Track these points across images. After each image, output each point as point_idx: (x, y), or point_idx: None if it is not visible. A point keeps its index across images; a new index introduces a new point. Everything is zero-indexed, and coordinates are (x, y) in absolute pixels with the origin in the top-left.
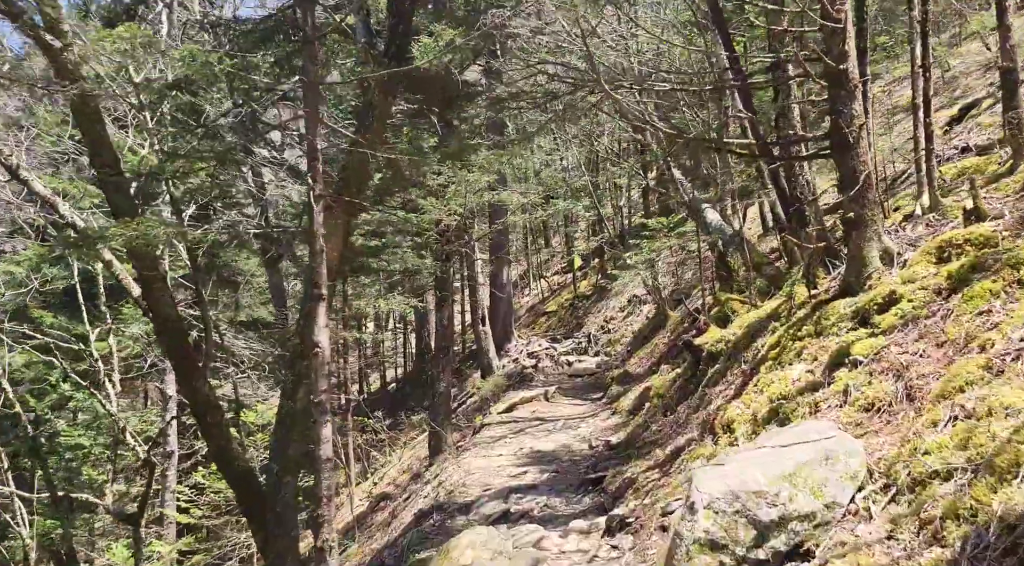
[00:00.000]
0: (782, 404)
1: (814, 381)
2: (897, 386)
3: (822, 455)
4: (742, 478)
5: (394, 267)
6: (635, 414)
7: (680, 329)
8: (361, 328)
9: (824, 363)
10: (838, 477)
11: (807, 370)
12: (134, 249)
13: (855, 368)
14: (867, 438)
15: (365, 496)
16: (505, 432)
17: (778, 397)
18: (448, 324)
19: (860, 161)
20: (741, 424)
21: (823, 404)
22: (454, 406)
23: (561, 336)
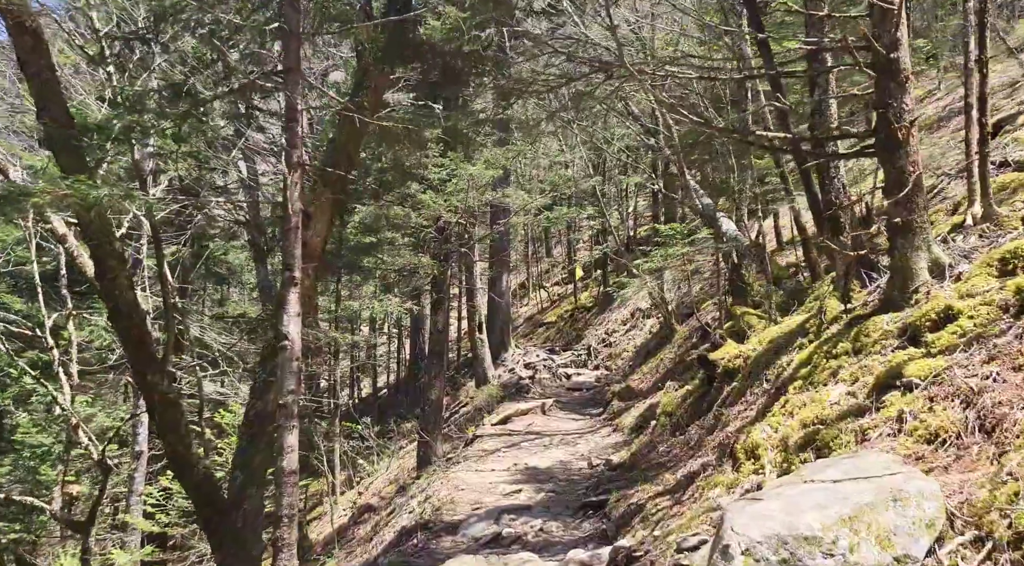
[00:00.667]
0: (819, 430)
1: (858, 405)
2: (967, 415)
3: (888, 495)
4: (789, 520)
5: (389, 265)
6: (639, 432)
7: (688, 344)
8: (354, 330)
9: (869, 385)
10: (910, 524)
11: (847, 392)
12: (80, 217)
13: (910, 392)
14: (935, 476)
15: (349, 506)
16: (498, 445)
17: (814, 421)
18: (443, 329)
19: (910, 161)
20: (768, 450)
21: (871, 432)
22: (446, 415)
23: (560, 348)
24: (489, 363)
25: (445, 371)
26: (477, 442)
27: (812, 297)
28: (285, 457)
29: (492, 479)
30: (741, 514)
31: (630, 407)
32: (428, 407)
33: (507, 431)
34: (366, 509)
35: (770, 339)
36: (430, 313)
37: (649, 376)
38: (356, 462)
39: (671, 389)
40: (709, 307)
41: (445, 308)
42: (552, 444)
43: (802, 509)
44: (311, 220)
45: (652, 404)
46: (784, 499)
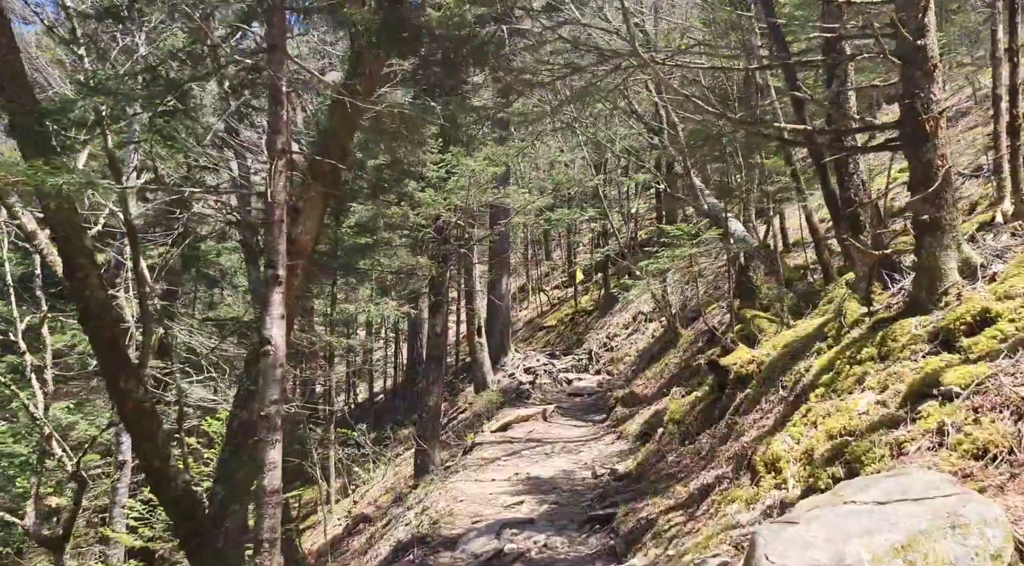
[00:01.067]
0: (848, 442)
1: (891, 415)
2: (1020, 428)
3: (944, 521)
4: (834, 548)
5: (386, 267)
6: (645, 440)
7: (694, 349)
8: (350, 334)
9: (901, 393)
10: (972, 555)
11: (877, 401)
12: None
13: (949, 401)
14: (990, 497)
15: (344, 515)
16: (498, 453)
17: (841, 433)
18: (442, 332)
19: (938, 154)
20: (791, 463)
21: (909, 445)
22: (444, 422)
23: (560, 352)
24: (488, 368)
25: (443, 376)
26: (476, 450)
27: (826, 300)
28: (266, 475)
29: (492, 489)
30: (776, 539)
31: (634, 414)
32: (425, 413)
33: (507, 438)
34: (361, 519)
35: (785, 343)
36: (428, 316)
37: (653, 381)
38: (351, 470)
39: (677, 395)
40: (715, 310)
41: (444, 311)
42: (554, 452)
43: (847, 535)
44: (300, 216)
45: (658, 410)
46: (825, 523)
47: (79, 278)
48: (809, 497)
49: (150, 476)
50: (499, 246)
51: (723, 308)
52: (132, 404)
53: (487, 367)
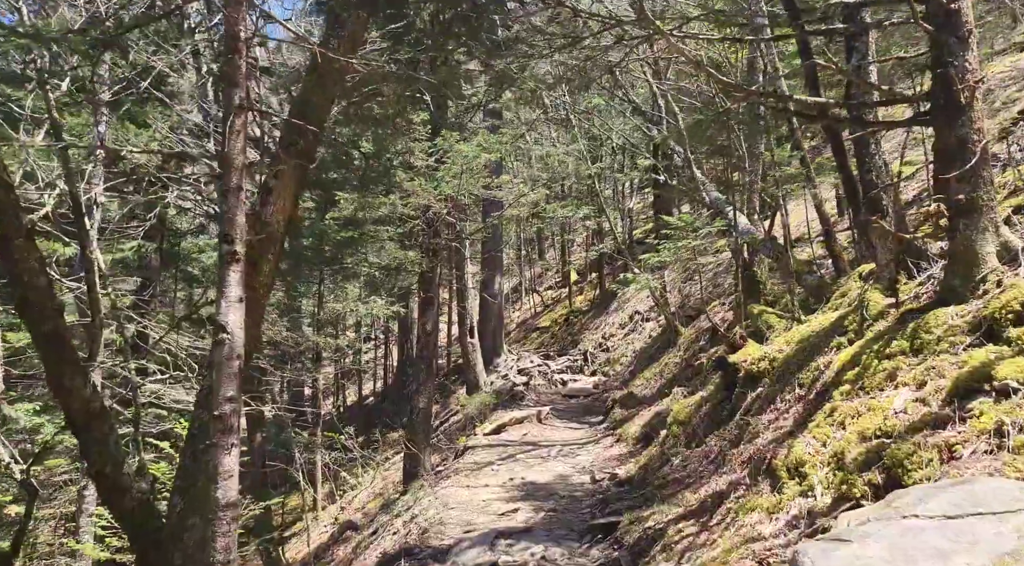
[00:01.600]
0: (885, 444)
1: (934, 415)
2: None
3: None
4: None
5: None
6: (646, 443)
7: (696, 347)
8: (338, 335)
9: (943, 389)
10: None
11: (915, 399)
12: None
13: (1006, 398)
14: None
15: (331, 522)
16: (492, 457)
17: (876, 434)
18: (432, 330)
19: (974, 128)
20: (818, 468)
21: (961, 448)
22: (435, 424)
23: (555, 353)
24: (481, 369)
25: (434, 377)
26: (468, 454)
27: (838, 294)
28: (220, 484)
29: (485, 496)
30: (825, 560)
31: (633, 415)
32: (415, 416)
33: (501, 441)
34: (348, 526)
35: (799, 339)
36: (418, 314)
37: (652, 382)
38: (339, 475)
39: (679, 396)
40: (716, 308)
41: (434, 309)
42: (550, 456)
43: (915, 557)
44: (271, 195)
45: (658, 412)
46: (884, 542)
47: (13, 257)
48: (846, 508)
49: (100, 485)
50: (491, 245)
51: (725, 305)
52: (78, 404)
53: (480, 368)
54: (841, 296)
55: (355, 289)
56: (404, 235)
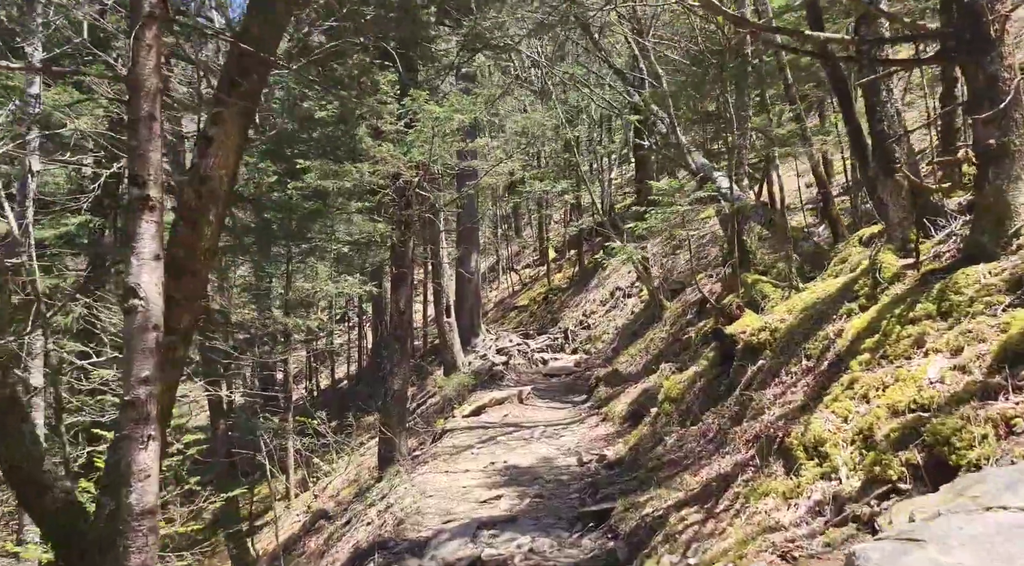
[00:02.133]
0: (923, 419)
1: (981, 384)
2: None
3: None
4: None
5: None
6: (634, 422)
7: (683, 321)
8: (309, 315)
9: (988, 355)
10: None
11: (953, 366)
12: None
13: None
14: None
15: (304, 510)
16: (472, 440)
17: (911, 407)
18: (406, 308)
19: (1005, 65)
20: (841, 447)
21: (1022, 421)
22: (412, 407)
23: (534, 331)
24: (459, 349)
25: (409, 358)
26: (447, 437)
27: (838, 260)
28: (134, 487)
29: (465, 482)
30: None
31: (619, 393)
32: (390, 399)
33: (481, 423)
34: (321, 515)
35: (803, 307)
36: (390, 291)
37: (638, 358)
38: (311, 461)
39: (667, 372)
40: (703, 280)
41: (407, 285)
42: (533, 437)
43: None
44: (211, 145)
45: (646, 389)
46: (970, 543)
47: None
48: (881, 493)
49: (14, 483)
50: (467, 220)
51: (712, 277)
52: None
53: (457, 348)
54: (841, 262)
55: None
56: (373, 207)
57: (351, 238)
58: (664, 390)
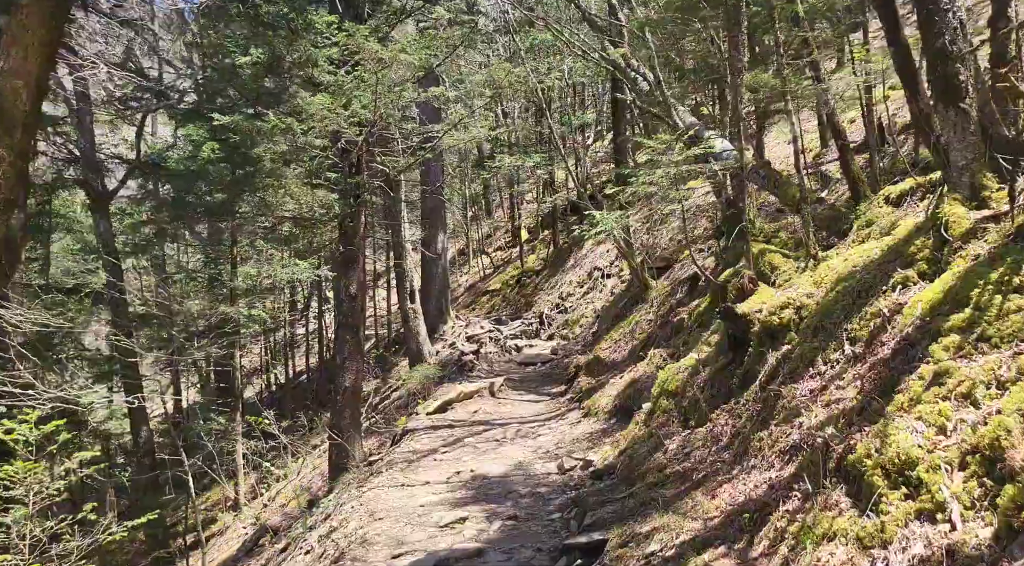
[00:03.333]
0: None
1: None
2: None
3: None
4: None
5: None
6: (623, 419)
7: (671, 302)
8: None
9: None
10: None
11: None
12: None
13: None
14: None
15: (252, 522)
16: (435, 442)
17: None
18: (358, 293)
19: None
20: (945, 472)
21: None
22: (376, 401)
23: (507, 317)
24: (425, 337)
25: (363, 349)
26: (408, 439)
27: (862, 222)
28: None
29: (424, 498)
30: None
31: (602, 384)
32: (341, 397)
33: (447, 421)
34: (263, 533)
35: (837, 278)
36: (339, 274)
37: (623, 344)
38: (261, 465)
39: (657, 359)
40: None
41: (359, 267)
42: (506, 438)
43: None
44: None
45: (634, 380)
46: None
47: None
48: None
49: None
50: (432, 198)
51: (704, 251)
52: None
53: (423, 337)
54: (867, 225)
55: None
56: (312, 172)
57: (289, 213)
58: (659, 382)
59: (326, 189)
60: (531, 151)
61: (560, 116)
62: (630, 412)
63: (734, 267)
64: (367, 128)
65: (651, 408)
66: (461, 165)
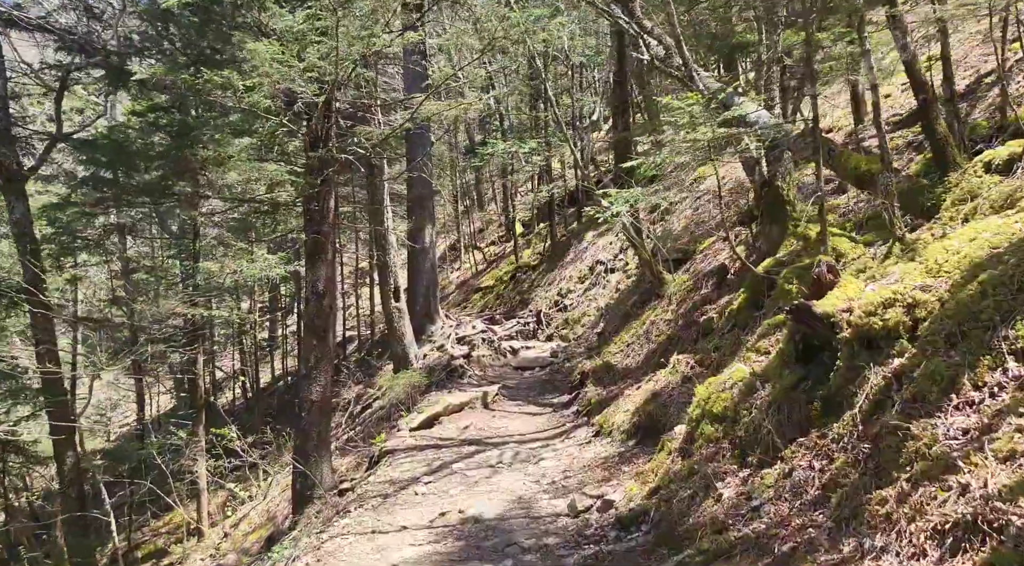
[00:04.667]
0: None
1: None
2: None
3: None
4: None
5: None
6: (647, 442)
7: (695, 298)
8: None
9: None
10: None
11: None
12: None
13: None
14: None
15: (211, 553)
16: (417, 469)
17: None
18: (326, 289)
19: None
20: None
21: None
22: (357, 410)
23: (501, 316)
24: (411, 340)
25: (332, 356)
26: (385, 463)
27: (958, 194)
28: None
29: (400, 553)
30: None
31: (615, 396)
32: (306, 413)
33: (432, 440)
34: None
35: (973, 264)
36: (305, 267)
37: (636, 348)
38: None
39: (683, 366)
40: (715, 246)
41: (328, 258)
42: (502, 463)
43: None
44: None
45: (656, 392)
46: None
47: None
48: None
49: None
50: (419, 187)
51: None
52: None
53: (409, 339)
54: (965, 199)
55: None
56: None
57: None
58: (698, 400)
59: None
60: (526, 137)
61: (556, 98)
62: (655, 434)
63: (774, 256)
64: (330, 85)
65: (688, 433)
66: (452, 154)
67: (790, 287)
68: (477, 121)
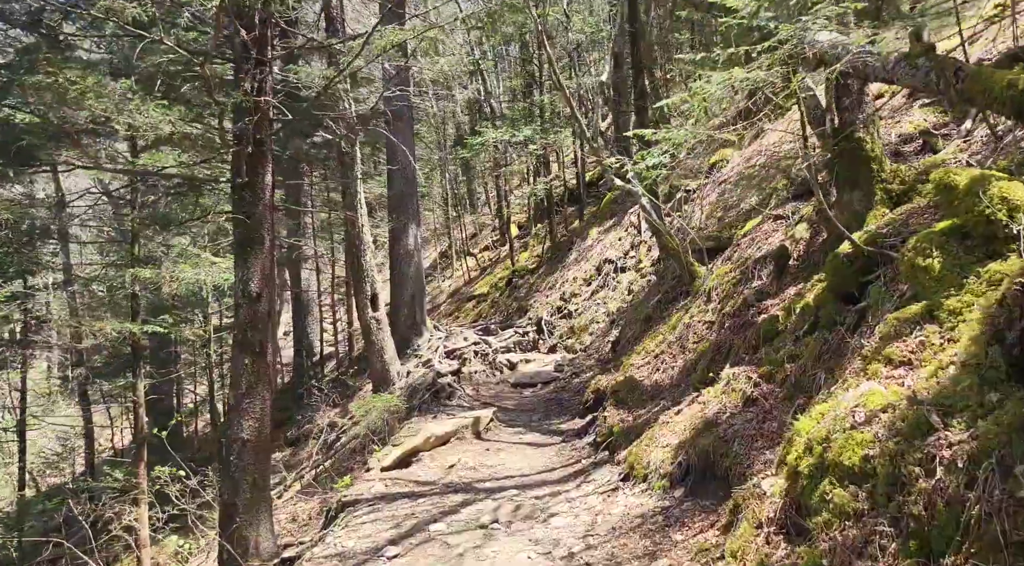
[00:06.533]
0: None
1: None
2: None
3: None
4: None
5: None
6: (704, 495)
7: (744, 293)
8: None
9: None
10: None
11: None
12: None
13: None
14: None
15: None
16: (381, 535)
17: None
18: (261, 291)
19: None
20: None
21: None
22: (330, 439)
23: (497, 325)
24: (392, 355)
25: (269, 382)
26: (343, 522)
27: None
28: None
29: None
30: None
31: (645, 422)
32: (234, 457)
33: (409, 485)
34: None
35: None
36: (234, 263)
37: (668, 358)
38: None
39: (743, 382)
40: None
41: (263, 251)
42: (498, 522)
43: None
44: None
45: (708, 419)
46: None
47: None
48: None
49: None
50: (401, 185)
51: (781, 224)
52: None
53: (390, 354)
54: None
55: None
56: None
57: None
58: (807, 439)
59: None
60: (520, 125)
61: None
62: (714, 481)
63: (864, 229)
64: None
65: (793, 494)
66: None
67: (928, 262)
68: (466, 109)
